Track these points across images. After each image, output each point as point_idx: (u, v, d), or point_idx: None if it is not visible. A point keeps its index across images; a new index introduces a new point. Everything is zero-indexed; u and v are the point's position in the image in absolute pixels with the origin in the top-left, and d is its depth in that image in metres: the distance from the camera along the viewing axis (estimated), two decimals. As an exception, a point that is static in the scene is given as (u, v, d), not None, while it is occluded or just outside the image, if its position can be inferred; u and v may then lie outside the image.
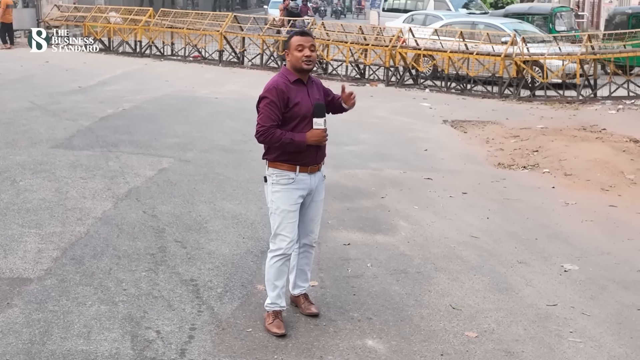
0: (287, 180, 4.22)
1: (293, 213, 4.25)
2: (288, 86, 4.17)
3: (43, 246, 5.48)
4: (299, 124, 4.18)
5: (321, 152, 4.33)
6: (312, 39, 4.26)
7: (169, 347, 4.05)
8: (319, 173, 4.36)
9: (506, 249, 5.90)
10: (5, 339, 4.06)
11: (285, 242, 4.25)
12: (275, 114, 4.14)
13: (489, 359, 4.07)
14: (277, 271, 4.30)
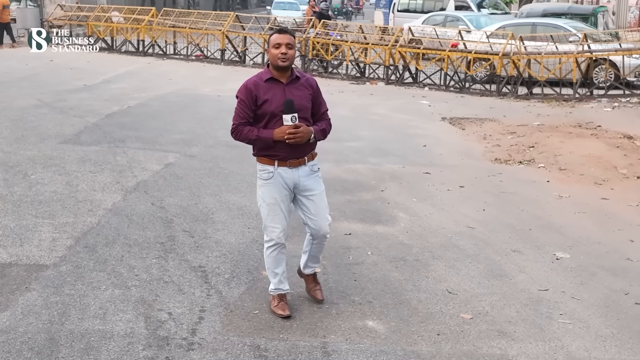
0: (267, 175, 4.41)
1: (277, 205, 4.40)
2: (258, 84, 4.32)
3: (57, 235, 5.72)
4: (269, 120, 4.30)
5: (301, 147, 4.36)
6: (290, 37, 4.31)
7: (181, 327, 4.29)
8: (304, 167, 4.43)
9: (501, 239, 6.14)
10: (26, 319, 4.30)
11: (275, 233, 4.44)
12: (245, 112, 4.33)
13: (482, 339, 4.31)
14: (274, 260, 4.51)
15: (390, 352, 4.10)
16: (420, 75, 16.17)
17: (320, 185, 4.55)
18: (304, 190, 4.45)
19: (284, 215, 4.45)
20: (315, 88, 4.49)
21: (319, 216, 4.49)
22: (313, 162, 4.51)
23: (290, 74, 4.38)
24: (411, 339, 4.27)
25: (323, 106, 4.54)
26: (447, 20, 20.61)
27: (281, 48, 4.26)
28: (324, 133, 4.49)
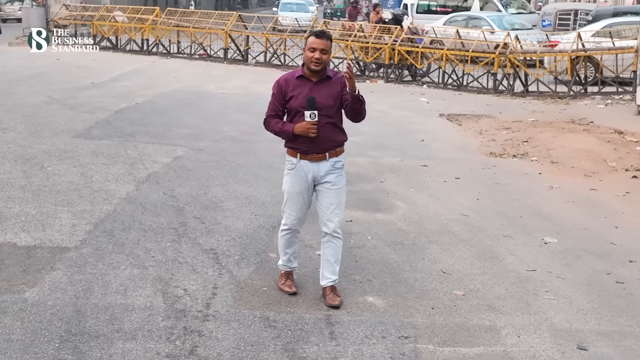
0: (291, 166, 4.73)
1: (296, 195, 4.71)
2: (288, 81, 4.65)
3: (76, 221, 6.10)
4: (294, 115, 4.62)
5: (322, 142, 4.59)
6: (327, 42, 4.52)
7: (196, 301, 4.67)
8: (325, 162, 4.63)
9: (493, 225, 6.52)
10: (53, 294, 4.67)
11: (290, 219, 4.79)
12: (275, 105, 4.67)
13: (473, 312, 4.69)
14: (286, 241, 4.89)
15: (388, 323, 4.48)
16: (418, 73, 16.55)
17: (341, 181, 4.71)
18: (323, 183, 4.66)
19: (301, 205, 4.72)
20: (344, 85, 4.60)
21: (329, 209, 4.67)
22: (337, 158, 4.68)
23: (321, 75, 4.59)
24: (407, 312, 4.65)
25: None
26: (470, 20, 20.47)
27: (316, 53, 4.48)
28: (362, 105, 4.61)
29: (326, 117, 4.58)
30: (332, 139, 4.64)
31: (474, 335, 4.37)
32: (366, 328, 4.39)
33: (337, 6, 39.90)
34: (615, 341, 4.35)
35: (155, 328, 4.27)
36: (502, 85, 15.08)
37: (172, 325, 4.31)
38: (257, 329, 4.32)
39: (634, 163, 8.90)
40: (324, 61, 4.54)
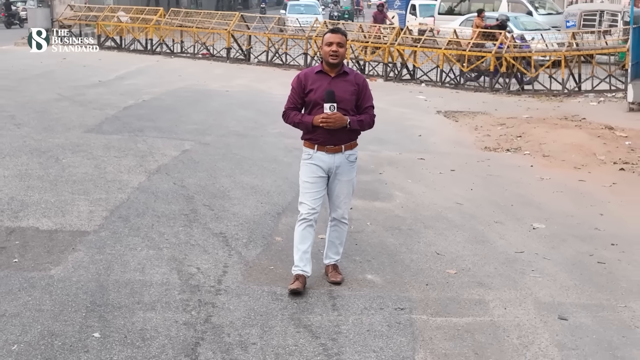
0: (307, 156, 5.01)
1: (311, 185, 4.97)
2: (308, 75, 4.98)
3: (93, 208, 6.49)
4: (313, 107, 4.93)
5: (337, 135, 4.84)
6: (342, 37, 4.82)
7: (208, 278, 5.06)
8: (340, 155, 4.89)
9: (485, 212, 6.92)
10: (77, 272, 5.07)
11: (305, 209, 4.99)
12: (294, 99, 4.99)
13: (464, 288, 5.09)
14: (300, 235, 5.00)
15: (385, 297, 4.88)
16: (417, 72, 16.94)
17: (352, 173, 5.01)
18: (336, 174, 4.95)
19: (315, 195, 4.94)
20: (361, 85, 4.93)
21: (339, 198, 5.00)
22: (351, 151, 4.95)
23: (339, 69, 4.88)
24: (403, 288, 5.05)
25: (367, 101, 4.96)
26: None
27: (332, 46, 4.77)
28: (361, 124, 4.91)
29: (343, 110, 4.82)
30: (348, 131, 4.89)
31: (464, 308, 4.76)
32: (365, 301, 4.79)
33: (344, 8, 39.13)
34: (594, 312, 4.75)
35: (172, 300, 4.67)
36: (498, 84, 15.47)
37: (188, 298, 4.71)
38: (266, 302, 4.72)
39: (622, 156, 9.31)
40: (341, 54, 4.82)
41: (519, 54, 15.28)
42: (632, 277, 5.40)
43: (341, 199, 5.02)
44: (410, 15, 29.01)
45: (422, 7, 28.88)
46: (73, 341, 4.08)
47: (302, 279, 4.92)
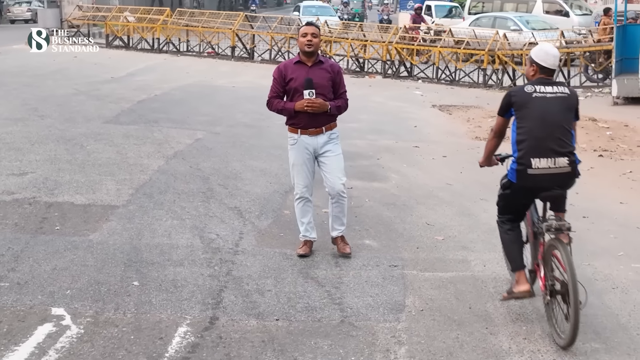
0: (293, 141, 5.61)
1: (300, 166, 5.58)
2: (287, 66, 5.57)
3: (120, 187, 7.24)
4: (293, 95, 5.48)
5: (318, 118, 5.37)
6: (315, 29, 5.45)
7: (227, 241, 5.81)
8: (322, 135, 5.44)
9: (472, 192, 7.67)
10: (112, 237, 5.81)
11: (299, 188, 5.64)
12: (276, 88, 5.56)
13: (450, 250, 5.84)
14: (300, 210, 5.68)
15: (381, 257, 5.63)
16: (414, 69, 17.70)
17: (337, 149, 5.54)
18: (322, 153, 5.55)
19: (306, 175, 5.58)
20: (336, 72, 5.51)
21: (333, 174, 5.49)
22: (331, 131, 5.51)
23: (315, 58, 5.45)
24: (397, 251, 5.80)
25: (341, 87, 5.54)
26: (496, 20, 21.08)
27: (307, 37, 5.38)
28: (339, 109, 5.51)
29: (321, 96, 5.37)
30: (327, 115, 5.44)
31: (449, 265, 5.51)
32: (363, 260, 5.54)
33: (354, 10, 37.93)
34: (561, 269, 5.49)
35: (197, 259, 5.42)
36: (491, 80, 16.22)
37: (210, 257, 5.46)
38: (277, 260, 5.47)
39: (602, 145, 10.06)
40: (315, 44, 5.40)
41: (511, 51, 16.03)
42: (598, 243, 6.15)
43: (334, 173, 5.50)
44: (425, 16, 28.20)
45: (438, 7, 28.91)
46: (116, 288, 4.83)
47: (309, 244, 5.62)
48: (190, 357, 3.99)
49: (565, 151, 4.38)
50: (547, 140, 4.34)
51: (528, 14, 23.01)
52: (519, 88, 4.57)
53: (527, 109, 4.40)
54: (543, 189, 4.48)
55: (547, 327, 4.40)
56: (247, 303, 4.69)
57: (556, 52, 4.59)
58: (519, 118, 4.45)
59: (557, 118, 4.39)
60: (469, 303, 4.83)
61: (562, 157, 4.36)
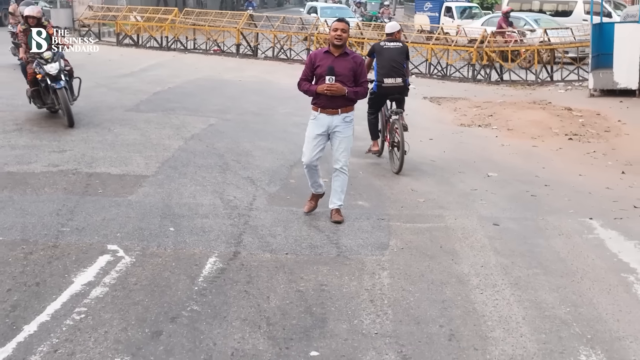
0: (313, 117, 6.67)
1: (312, 139, 6.61)
2: (317, 54, 6.62)
3: (147, 161, 8.39)
4: (318, 79, 6.56)
5: (336, 100, 6.27)
6: (345, 25, 6.30)
7: (243, 201, 6.97)
8: (337, 116, 6.31)
9: (452, 166, 8.83)
10: (146, 198, 6.96)
11: (305, 158, 6.66)
12: (306, 72, 6.61)
13: (429, 209, 7.00)
14: (307, 173, 6.73)
15: (371, 212, 6.79)
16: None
17: (348, 131, 6.37)
18: (335, 131, 6.43)
19: (313, 147, 6.50)
20: (358, 63, 6.35)
21: (338, 152, 6.43)
22: (347, 114, 6.36)
23: (342, 50, 6.31)
24: (384, 209, 6.96)
25: (362, 77, 6.41)
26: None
27: (337, 31, 6.24)
28: (356, 94, 6.35)
29: (342, 83, 6.26)
30: (344, 99, 6.33)
31: (427, 218, 6.68)
32: (357, 214, 6.70)
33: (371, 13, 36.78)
34: (519, 222, 6.66)
35: (219, 213, 6.58)
36: (479, 75, 17.38)
37: (230, 212, 6.62)
38: (286, 215, 6.63)
39: (573, 130, 11.22)
40: (344, 38, 6.39)
41: (497, 48, 17.19)
42: (554, 204, 7.32)
43: (340, 152, 6.51)
44: (445, 18, 28.73)
45: (459, 9, 28.81)
46: (157, 232, 6.00)
47: (316, 198, 6.68)
48: (220, 276, 5.15)
49: (400, 74, 8.48)
50: (391, 69, 8.43)
51: (538, 14, 23.23)
52: (378, 43, 8.79)
53: (380, 54, 8.52)
54: (390, 94, 8.65)
55: (389, 164, 8.34)
56: (262, 243, 5.86)
57: (394, 24, 9.16)
58: (377, 58, 8.54)
59: (395, 58, 8.48)
60: (440, 244, 5.99)
61: (398, 77, 8.48)
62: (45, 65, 9.98)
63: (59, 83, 9.86)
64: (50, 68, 9.94)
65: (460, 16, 28.29)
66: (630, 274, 5.41)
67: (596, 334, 4.41)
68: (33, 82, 10.08)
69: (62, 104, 9.87)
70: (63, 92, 9.85)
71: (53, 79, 9.85)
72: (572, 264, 5.62)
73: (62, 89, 9.86)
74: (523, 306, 4.79)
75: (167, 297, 4.77)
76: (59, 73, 9.96)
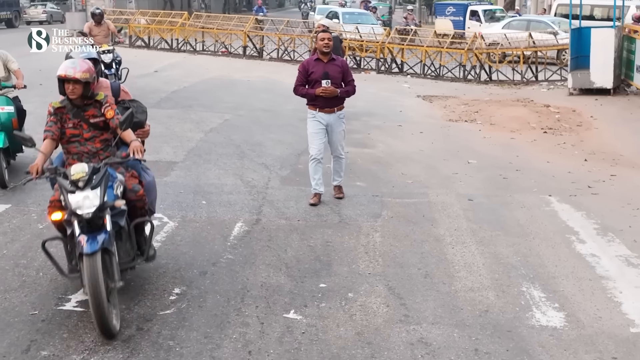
0: (311, 115, 8.03)
1: (316, 134, 7.94)
2: (309, 62, 7.91)
3: (175, 150, 9.75)
4: (314, 84, 7.84)
5: (332, 101, 7.76)
6: (330, 34, 7.91)
7: (260, 182, 8.33)
8: (333, 114, 7.64)
9: (438, 155, 10.20)
10: (179, 179, 8.32)
11: (313, 151, 7.94)
12: (301, 78, 7.82)
13: (416, 189, 8.35)
14: (313, 168, 7.93)
15: (367, 191, 8.15)
16: (404, 66, 20.24)
17: (342, 125, 7.70)
18: (332, 127, 7.84)
19: (319, 141, 7.78)
20: (345, 67, 7.59)
21: (336, 143, 7.90)
22: (340, 112, 7.63)
23: (329, 56, 7.58)
24: (378, 188, 8.32)
25: (349, 77, 7.60)
26: (530, 23, 22.38)
27: (324, 40, 7.48)
28: (347, 92, 7.55)
29: (334, 84, 7.69)
30: (338, 98, 7.77)
31: (413, 195, 8.03)
32: (354, 192, 8.06)
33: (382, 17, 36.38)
34: (490, 198, 8.02)
35: (241, 191, 7.94)
36: (470, 75, 18.75)
37: (250, 190, 7.98)
38: (296, 192, 7.99)
39: (549, 124, 12.57)
40: (330, 46, 7.71)
41: (486, 50, 18.55)
42: (521, 185, 8.67)
43: (337, 143, 7.89)
44: (471, 22, 28.75)
45: (486, 13, 28.80)
46: (192, 204, 7.37)
47: (319, 196, 7.88)
48: (247, 236, 6.51)
49: None
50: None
51: (559, 18, 23.59)
52: None
53: None
54: None
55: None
56: (278, 212, 7.23)
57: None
58: None
59: None
60: (423, 213, 7.35)
61: None
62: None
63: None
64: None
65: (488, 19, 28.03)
66: (573, 235, 6.76)
67: (537, 274, 5.77)
68: None
69: None
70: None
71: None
72: (527, 228, 6.97)
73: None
74: (484, 256, 6.15)
75: (207, 249, 6.14)
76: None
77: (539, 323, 4.92)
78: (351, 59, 20.98)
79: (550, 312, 5.08)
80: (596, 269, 5.91)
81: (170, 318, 4.84)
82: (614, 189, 8.51)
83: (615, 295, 5.39)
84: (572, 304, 5.24)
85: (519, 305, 5.20)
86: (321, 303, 5.14)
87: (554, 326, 4.88)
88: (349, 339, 4.65)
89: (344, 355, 4.45)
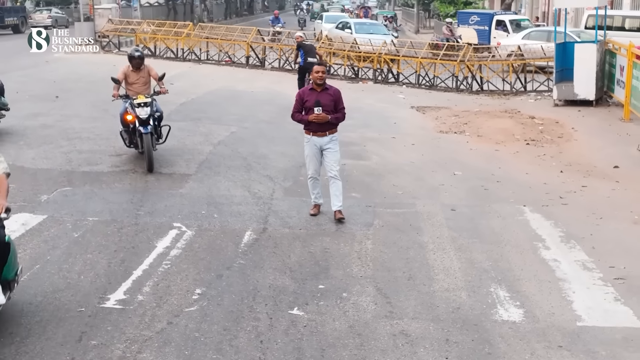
0: (307, 140, 8.85)
1: (312, 157, 8.73)
2: (305, 91, 8.76)
3: (188, 163, 10.72)
4: (308, 110, 8.71)
5: (324, 126, 8.51)
6: (324, 68, 8.67)
7: (265, 193, 9.31)
8: (326, 137, 8.48)
9: (428, 166, 11.17)
10: (193, 191, 9.30)
11: (310, 172, 8.84)
12: (297, 106, 8.69)
13: (405, 199, 9.32)
14: (311, 185, 8.89)
15: (361, 202, 9.12)
16: (400, 76, 21.21)
17: (336, 147, 8.37)
18: (326, 149, 8.67)
19: (315, 162, 8.63)
20: (336, 95, 8.24)
21: (330, 163, 8.65)
22: (333, 135, 8.27)
23: (323, 86, 8.36)
24: (371, 198, 9.29)
25: (340, 104, 8.28)
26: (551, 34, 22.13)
27: (319, 74, 8.19)
28: (337, 119, 8.22)
29: (326, 111, 8.51)
30: (329, 124, 8.60)
31: (403, 205, 9.01)
32: (350, 203, 9.02)
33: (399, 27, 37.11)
34: (471, 208, 9.00)
35: (249, 202, 8.92)
36: (462, 85, 19.72)
37: (256, 201, 8.96)
38: (298, 203, 8.97)
39: (532, 136, 13.54)
40: (324, 78, 8.58)
41: (478, 61, 19.52)
42: (499, 195, 9.65)
43: (331, 164, 8.55)
44: (497, 32, 28.56)
45: (513, 22, 28.49)
46: (206, 215, 8.34)
47: (318, 207, 8.82)
48: (255, 243, 7.50)
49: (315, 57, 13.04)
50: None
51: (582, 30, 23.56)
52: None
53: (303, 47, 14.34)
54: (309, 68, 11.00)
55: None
56: (283, 222, 8.22)
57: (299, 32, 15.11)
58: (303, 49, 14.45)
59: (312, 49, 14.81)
60: (410, 222, 8.34)
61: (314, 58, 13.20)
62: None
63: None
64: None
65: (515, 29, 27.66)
66: (540, 242, 7.74)
67: (504, 277, 6.75)
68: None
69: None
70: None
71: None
72: (501, 236, 7.95)
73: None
74: (460, 261, 7.13)
75: (222, 255, 7.12)
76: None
77: (501, 318, 5.91)
78: (349, 69, 21.97)
79: (511, 309, 6.07)
80: (556, 272, 6.89)
81: (195, 314, 5.82)
82: (582, 199, 9.49)
83: (569, 295, 6.38)
84: (531, 302, 6.22)
85: (486, 303, 6.18)
86: (320, 301, 6.13)
87: (514, 320, 5.87)
88: (343, 331, 5.63)
89: (339, 344, 5.43)
